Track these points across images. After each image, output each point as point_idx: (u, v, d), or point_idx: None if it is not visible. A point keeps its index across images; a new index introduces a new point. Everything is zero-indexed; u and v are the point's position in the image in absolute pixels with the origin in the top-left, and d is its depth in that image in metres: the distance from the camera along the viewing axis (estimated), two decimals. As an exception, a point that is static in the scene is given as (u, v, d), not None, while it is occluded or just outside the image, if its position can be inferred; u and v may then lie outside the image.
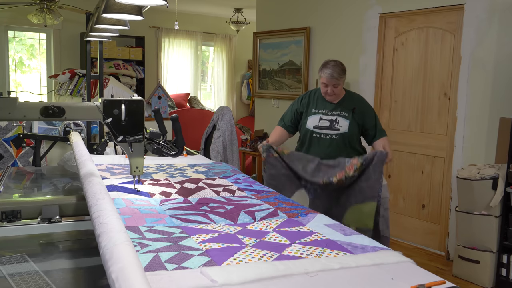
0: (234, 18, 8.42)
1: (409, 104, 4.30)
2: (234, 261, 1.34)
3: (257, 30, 5.85)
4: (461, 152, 3.87)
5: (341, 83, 3.01)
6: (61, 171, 2.95)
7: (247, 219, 1.81)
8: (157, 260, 1.31)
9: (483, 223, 3.45)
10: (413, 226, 4.33)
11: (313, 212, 1.90)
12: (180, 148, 1.94)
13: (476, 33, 3.72)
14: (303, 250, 1.47)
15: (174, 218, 1.75)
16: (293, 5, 5.35)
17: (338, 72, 2.97)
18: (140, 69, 8.26)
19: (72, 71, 5.76)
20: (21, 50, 7.99)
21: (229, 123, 5.04)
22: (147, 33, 8.52)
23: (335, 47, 4.88)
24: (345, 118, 3.02)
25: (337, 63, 3.01)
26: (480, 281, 3.49)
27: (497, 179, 3.39)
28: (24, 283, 1.30)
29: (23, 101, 1.70)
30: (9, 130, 4.22)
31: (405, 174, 4.37)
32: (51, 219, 1.77)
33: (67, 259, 1.59)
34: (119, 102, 1.74)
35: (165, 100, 5.72)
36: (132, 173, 1.90)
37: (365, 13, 4.54)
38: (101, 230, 1.09)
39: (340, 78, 2.98)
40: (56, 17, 6.63)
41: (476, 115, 3.77)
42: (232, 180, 2.44)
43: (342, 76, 3.00)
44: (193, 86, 9.26)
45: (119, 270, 0.87)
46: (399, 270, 1.35)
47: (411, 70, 4.26)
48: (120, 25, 2.27)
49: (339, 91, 3.04)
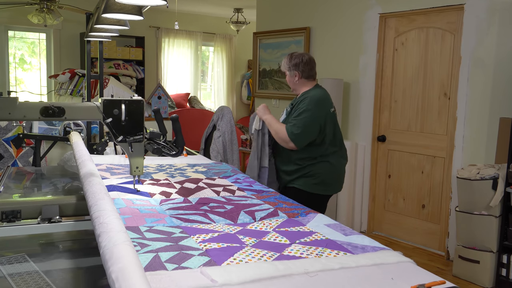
0: (234, 18, 8.42)
1: (409, 104, 4.30)
2: (234, 261, 1.34)
3: (257, 30, 5.85)
4: (461, 152, 3.87)
5: (287, 74, 3.00)
6: (61, 171, 2.95)
7: (247, 219, 1.81)
8: (157, 260, 1.31)
9: (483, 223, 3.45)
10: (413, 226, 4.33)
11: (313, 212, 1.90)
12: (180, 148, 1.94)
13: (476, 33, 3.72)
14: (303, 250, 1.47)
15: (174, 218, 1.75)
16: (293, 5, 5.35)
17: (283, 64, 3.01)
18: (140, 69, 8.26)
19: (72, 71, 5.76)
20: (22, 48, 7.99)
21: (229, 123, 5.03)
22: (147, 33, 8.52)
23: (335, 47, 4.88)
24: (285, 114, 3.01)
25: (288, 56, 3.00)
26: (480, 281, 3.49)
27: (497, 179, 3.39)
28: (24, 283, 1.30)
29: (23, 101, 1.70)
30: (9, 130, 4.22)
31: (405, 174, 4.37)
32: (51, 219, 1.77)
33: (67, 259, 1.59)
34: (119, 102, 1.74)
35: (165, 100, 5.72)
36: (132, 173, 1.90)
37: (365, 13, 4.54)
38: (101, 230, 1.09)
39: (285, 70, 2.99)
40: (56, 17, 6.63)
41: (476, 115, 3.77)
42: (232, 180, 2.44)
43: (286, 68, 2.98)
44: (193, 86, 9.26)
45: (119, 270, 0.87)
46: (399, 270, 1.35)
47: (411, 70, 4.26)
48: (120, 25, 2.27)
49: (290, 83, 3.02)
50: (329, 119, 2.88)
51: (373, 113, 4.53)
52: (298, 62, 2.93)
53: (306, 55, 2.97)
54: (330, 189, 2.98)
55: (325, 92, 2.96)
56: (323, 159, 2.89)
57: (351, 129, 4.77)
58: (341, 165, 2.98)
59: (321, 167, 2.88)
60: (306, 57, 2.95)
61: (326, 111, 2.86)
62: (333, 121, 2.92)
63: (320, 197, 2.92)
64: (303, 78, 2.95)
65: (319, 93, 2.92)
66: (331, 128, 2.89)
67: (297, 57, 2.94)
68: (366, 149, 4.61)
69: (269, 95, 5.73)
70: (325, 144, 2.89)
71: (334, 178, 2.96)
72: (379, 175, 4.59)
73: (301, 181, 2.90)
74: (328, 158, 2.89)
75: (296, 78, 2.96)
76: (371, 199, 4.64)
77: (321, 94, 2.91)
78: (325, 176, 2.89)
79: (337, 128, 2.96)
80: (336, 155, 2.94)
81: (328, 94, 2.97)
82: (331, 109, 2.91)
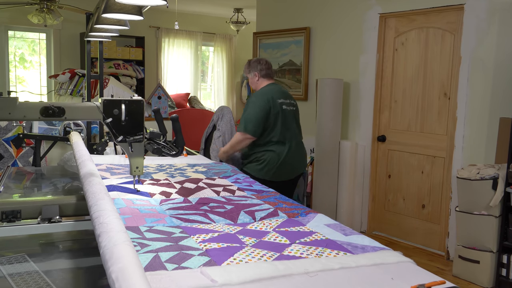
0: (234, 18, 8.42)
1: (409, 104, 4.30)
2: (234, 261, 1.34)
3: (257, 30, 5.85)
4: (461, 152, 3.87)
5: (249, 77, 3.47)
6: (61, 171, 2.95)
7: (247, 219, 1.81)
8: (157, 260, 1.31)
9: (483, 223, 3.45)
10: (413, 226, 4.33)
11: (313, 212, 1.90)
12: (180, 148, 1.94)
13: (476, 33, 3.72)
14: (303, 250, 1.47)
15: (174, 218, 1.75)
16: (293, 5, 5.35)
17: (244, 70, 3.53)
18: (140, 69, 8.26)
19: (72, 71, 5.76)
20: (23, 46, 7.99)
21: (229, 123, 5.03)
22: (147, 33, 8.52)
23: (335, 47, 4.88)
24: None
25: (247, 62, 3.49)
26: (480, 281, 3.49)
27: (497, 179, 3.39)
28: (24, 283, 1.30)
29: (23, 101, 1.70)
30: (9, 130, 4.22)
31: (405, 174, 4.37)
32: (51, 219, 1.77)
33: (67, 259, 1.59)
34: (119, 102, 1.74)
35: (165, 100, 5.72)
36: (132, 173, 1.90)
37: (365, 13, 4.54)
38: (101, 230, 1.09)
39: (247, 73, 3.47)
40: (56, 17, 6.63)
41: (476, 115, 3.77)
42: (232, 180, 2.44)
43: (247, 72, 3.47)
44: (193, 86, 9.26)
45: (119, 270, 0.87)
46: (399, 270, 1.35)
47: (411, 70, 4.26)
48: (120, 25, 2.27)
49: (252, 84, 3.47)
50: (274, 109, 3.21)
51: (373, 113, 4.53)
52: (256, 64, 3.41)
53: (263, 59, 3.47)
54: (275, 176, 3.26)
55: (275, 87, 3.36)
56: (268, 148, 3.24)
57: (351, 129, 4.77)
58: (286, 154, 3.26)
59: (266, 155, 3.23)
60: (263, 60, 3.43)
61: (269, 101, 3.21)
62: (283, 112, 3.24)
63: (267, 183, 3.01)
64: (261, 76, 3.38)
65: (266, 87, 3.34)
66: (277, 118, 3.22)
67: (255, 61, 3.44)
68: (366, 149, 4.61)
69: (269, 95, 5.73)
70: (269, 133, 3.23)
71: (278, 166, 3.25)
72: (379, 175, 4.59)
73: (250, 166, 3.31)
74: (272, 147, 3.23)
75: (256, 78, 3.40)
76: (371, 199, 4.65)
77: (268, 88, 3.33)
78: (269, 163, 3.23)
79: (288, 120, 3.27)
80: (281, 145, 3.25)
81: (278, 88, 3.38)
82: (278, 100, 3.24)
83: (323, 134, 4.55)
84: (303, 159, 3.49)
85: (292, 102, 3.39)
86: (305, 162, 3.59)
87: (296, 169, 3.42)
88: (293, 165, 3.36)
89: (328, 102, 4.51)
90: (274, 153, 3.23)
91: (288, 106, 3.31)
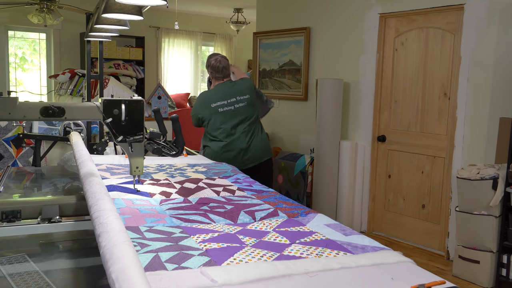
0: (234, 18, 8.42)
1: (409, 104, 4.30)
2: (234, 261, 1.34)
3: (257, 30, 5.85)
4: (461, 152, 3.87)
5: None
6: (61, 171, 2.95)
7: (247, 219, 1.81)
8: (157, 260, 1.31)
9: (483, 223, 3.45)
10: (413, 226, 4.33)
11: (313, 212, 1.90)
12: (180, 148, 1.94)
13: (476, 33, 3.72)
14: (303, 250, 1.47)
15: (174, 218, 1.75)
16: (293, 5, 5.35)
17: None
18: (140, 69, 8.27)
19: (72, 71, 5.76)
20: (23, 46, 7.99)
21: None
22: (147, 33, 8.52)
23: (335, 47, 4.88)
24: None
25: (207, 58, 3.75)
26: (480, 281, 3.49)
27: (497, 179, 3.39)
28: (24, 283, 1.30)
29: (23, 101, 1.70)
30: (9, 130, 4.22)
31: (405, 174, 4.37)
32: (51, 219, 1.77)
33: (67, 259, 1.59)
34: (119, 102, 1.74)
35: (165, 100, 5.72)
36: (132, 173, 1.90)
37: (365, 13, 4.54)
38: (101, 230, 1.09)
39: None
40: (56, 17, 6.63)
41: (476, 115, 3.77)
42: (232, 180, 2.44)
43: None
44: (193, 86, 9.27)
45: (119, 270, 0.87)
46: (399, 270, 1.35)
47: (411, 70, 4.26)
48: (120, 25, 2.27)
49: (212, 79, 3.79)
50: (205, 115, 3.53)
51: (373, 113, 4.53)
52: (207, 67, 3.65)
53: (212, 59, 3.61)
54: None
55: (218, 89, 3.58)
56: (206, 144, 3.61)
57: (351, 129, 4.77)
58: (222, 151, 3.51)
59: (206, 150, 3.59)
60: (212, 61, 3.59)
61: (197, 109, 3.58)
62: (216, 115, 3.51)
63: None
64: (213, 78, 3.65)
65: (209, 91, 3.66)
66: (213, 119, 3.51)
67: (207, 63, 3.65)
68: (366, 149, 4.61)
69: (269, 95, 5.72)
70: (206, 132, 3.60)
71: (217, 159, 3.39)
72: (379, 175, 4.59)
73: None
74: (209, 144, 3.58)
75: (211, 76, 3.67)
76: (371, 199, 4.65)
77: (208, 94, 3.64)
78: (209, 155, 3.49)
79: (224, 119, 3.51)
80: (216, 142, 3.53)
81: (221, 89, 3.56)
82: (212, 105, 3.51)
83: (323, 134, 4.55)
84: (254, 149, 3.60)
85: (237, 99, 3.55)
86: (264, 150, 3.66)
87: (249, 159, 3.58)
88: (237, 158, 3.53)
89: (328, 102, 4.51)
90: (210, 149, 3.57)
91: (228, 106, 3.53)
